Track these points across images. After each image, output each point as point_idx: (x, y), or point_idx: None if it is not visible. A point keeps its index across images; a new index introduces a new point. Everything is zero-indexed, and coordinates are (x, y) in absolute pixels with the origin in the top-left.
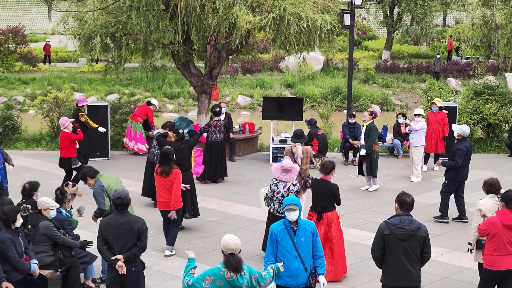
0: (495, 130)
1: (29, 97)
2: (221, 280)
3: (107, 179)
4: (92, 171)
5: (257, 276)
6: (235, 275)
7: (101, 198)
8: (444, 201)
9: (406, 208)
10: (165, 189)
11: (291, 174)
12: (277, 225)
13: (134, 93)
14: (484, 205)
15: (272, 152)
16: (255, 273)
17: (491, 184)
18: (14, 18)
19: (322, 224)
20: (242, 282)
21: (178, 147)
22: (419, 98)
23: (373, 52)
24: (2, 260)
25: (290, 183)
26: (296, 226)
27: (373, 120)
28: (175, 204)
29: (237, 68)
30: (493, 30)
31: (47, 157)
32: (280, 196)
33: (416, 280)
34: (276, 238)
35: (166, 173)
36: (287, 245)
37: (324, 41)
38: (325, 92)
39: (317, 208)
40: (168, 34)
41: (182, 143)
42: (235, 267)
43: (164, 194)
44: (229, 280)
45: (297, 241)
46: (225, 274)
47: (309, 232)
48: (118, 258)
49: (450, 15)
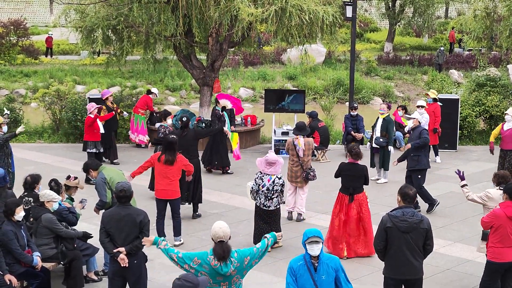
0: (497, 122)
1: (31, 90)
2: (207, 265)
3: (109, 171)
4: (95, 163)
5: (249, 257)
6: (219, 263)
7: (103, 190)
8: (423, 194)
9: (408, 201)
10: (165, 178)
11: (275, 167)
12: (296, 261)
13: (136, 86)
14: (492, 193)
15: (274, 144)
16: (246, 255)
17: (502, 176)
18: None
19: (354, 205)
20: (226, 270)
21: (181, 134)
22: (421, 90)
23: (375, 44)
24: (5, 252)
25: (275, 176)
26: (317, 261)
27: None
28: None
29: (239, 61)
30: (495, 21)
31: (49, 149)
32: (265, 189)
33: (419, 272)
34: (295, 275)
35: (171, 161)
36: (307, 284)
37: (326, 33)
38: (327, 85)
39: (349, 190)
40: (170, 27)
41: (184, 131)
42: (222, 256)
43: (163, 182)
44: (213, 266)
45: (317, 279)
46: (211, 261)
47: (331, 269)
48: (120, 250)
49: (452, 7)
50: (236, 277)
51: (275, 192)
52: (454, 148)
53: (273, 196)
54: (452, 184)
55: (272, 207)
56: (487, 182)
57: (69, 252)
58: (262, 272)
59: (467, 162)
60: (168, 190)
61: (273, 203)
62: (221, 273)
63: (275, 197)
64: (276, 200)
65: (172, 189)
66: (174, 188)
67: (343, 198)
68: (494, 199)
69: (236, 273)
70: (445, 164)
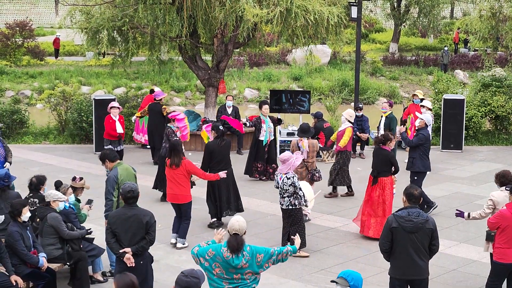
0: (503, 122)
1: (37, 91)
2: (220, 257)
3: (123, 170)
4: (113, 154)
5: (263, 255)
6: (232, 255)
7: (111, 188)
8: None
9: (413, 201)
10: (175, 182)
11: (284, 165)
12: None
13: (141, 87)
14: (496, 196)
15: (279, 145)
16: (260, 252)
17: (503, 175)
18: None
19: (377, 187)
20: (237, 262)
21: (219, 144)
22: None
23: (380, 45)
24: (11, 253)
25: (285, 175)
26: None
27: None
28: (207, 176)
29: (244, 61)
30: (501, 22)
31: (55, 151)
32: (277, 187)
33: (424, 273)
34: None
35: (176, 164)
36: None
37: (331, 34)
38: (332, 85)
39: (374, 172)
40: (175, 28)
41: (223, 140)
42: (235, 247)
43: (174, 187)
44: (225, 258)
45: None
46: (223, 253)
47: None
48: (126, 251)
49: (457, 7)
50: (249, 271)
51: (286, 192)
52: (460, 149)
53: (284, 195)
54: (458, 185)
55: (284, 206)
56: (493, 183)
57: (75, 253)
58: (268, 272)
59: (473, 162)
60: (178, 194)
61: (285, 202)
62: (232, 265)
63: (286, 196)
64: (288, 200)
65: (182, 193)
66: (184, 193)
67: (370, 180)
68: (500, 202)
69: (247, 267)
70: (451, 164)
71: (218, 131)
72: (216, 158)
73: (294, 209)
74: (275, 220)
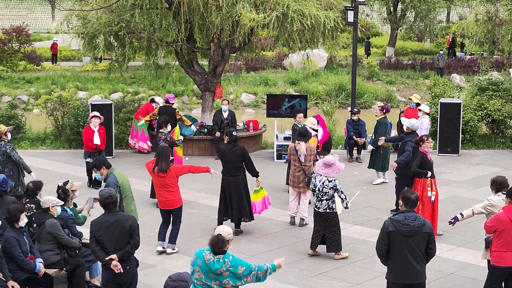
0: (500, 126)
1: (33, 96)
2: (201, 260)
3: (120, 175)
4: (108, 162)
5: (245, 268)
6: (213, 259)
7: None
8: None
9: (410, 205)
10: (163, 188)
11: (330, 169)
12: None
13: (138, 92)
14: (495, 200)
15: (276, 149)
16: (243, 265)
17: (500, 183)
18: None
19: (417, 188)
20: (217, 267)
21: (230, 149)
22: (423, 94)
23: (377, 49)
24: (7, 259)
25: (326, 178)
26: None
27: (385, 115)
28: (198, 169)
29: (241, 66)
30: (497, 26)
31: (51, 156)
32: (316, 190)
33: (421, 277)
34: None
35: (164, 170)
36: None
37: (328, 38)
38: (329, 89)
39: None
40: (172, 32)
41: (235, 146)
42: (215, 242)
43: (164, 193)
44: (206, 261)
45: None
46: (205, 256)
47: None
48: (112, 258)
49: (454, 11)
50: (227, 280)
51: (325, 195)
52: (456, 153)
53: (323, 198)
54: (454, 189)
55: (321, 209)
56: (489, 187)
57: (72, 260)
58: None
59: (469, 166)
60: (170, 200)
61: (323, 205)
62: (212, 269)
63: (324, 199)
64: (326, 203)
65: (173, 198)
66: (175, 197)
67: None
68: (497, 205)
69: (227, 275)
70: (448, 168)
71: (231, 136)
72: (224, 160)
73: (331, 213)
74: (271, 224)
